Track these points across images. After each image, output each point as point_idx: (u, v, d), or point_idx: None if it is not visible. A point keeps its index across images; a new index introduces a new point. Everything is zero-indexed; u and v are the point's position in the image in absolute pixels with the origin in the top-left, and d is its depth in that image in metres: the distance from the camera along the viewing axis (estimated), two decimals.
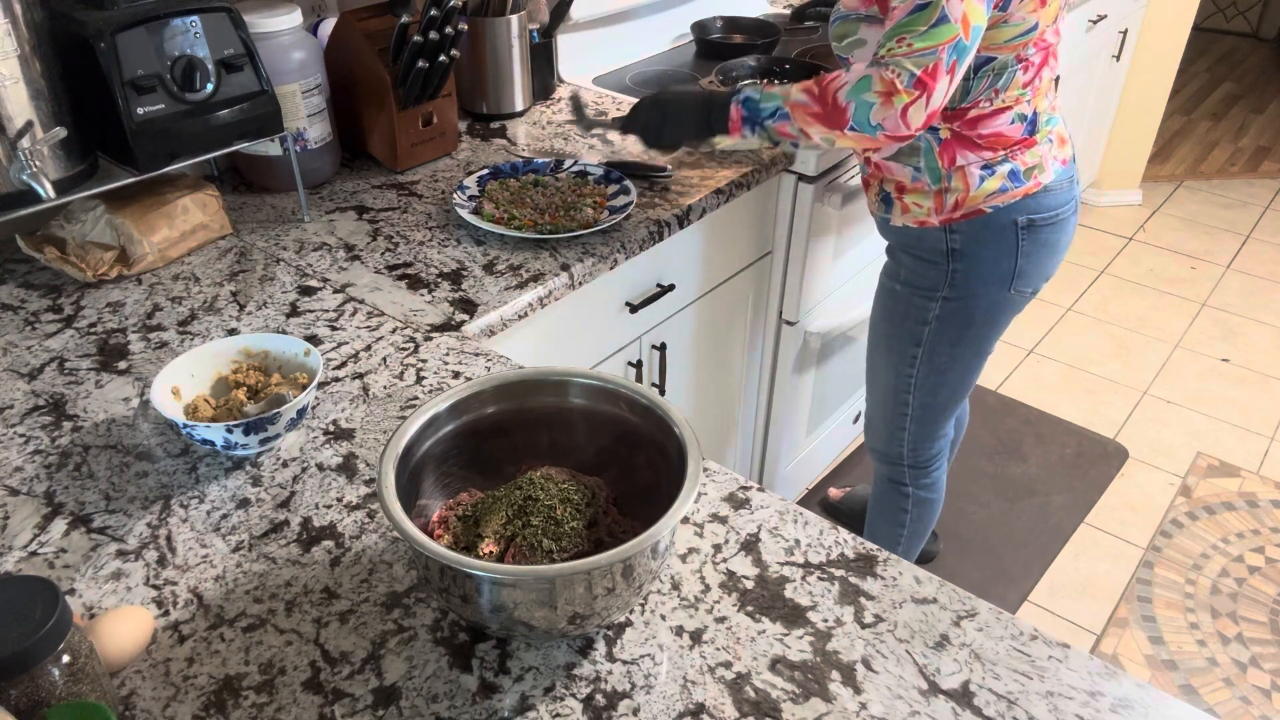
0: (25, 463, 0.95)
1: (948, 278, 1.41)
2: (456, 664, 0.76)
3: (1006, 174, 1.32)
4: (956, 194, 1.34)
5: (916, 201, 1.38)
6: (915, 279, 1.45)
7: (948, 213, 1.36)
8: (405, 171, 1.55)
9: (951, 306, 1.44)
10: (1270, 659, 1.96)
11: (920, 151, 1.34)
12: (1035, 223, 1.36)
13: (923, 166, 1.35)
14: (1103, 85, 3.16)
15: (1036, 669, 0.76)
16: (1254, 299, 3.12)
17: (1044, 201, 1.35)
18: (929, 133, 1.32)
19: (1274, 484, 2.40)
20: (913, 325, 1.48)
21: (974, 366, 1.52)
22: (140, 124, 1.17)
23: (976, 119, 1.29)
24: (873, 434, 1.70)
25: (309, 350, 0.99)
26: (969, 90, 1.27)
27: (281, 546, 0.86)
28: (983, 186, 1.33)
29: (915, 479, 1.70)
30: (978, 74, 1.25)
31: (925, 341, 1.49)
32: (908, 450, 1.65)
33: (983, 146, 1.31)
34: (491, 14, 1.65)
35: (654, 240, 1.40)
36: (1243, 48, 5.26)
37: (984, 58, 1.24)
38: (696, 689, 0.74)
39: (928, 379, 1.53)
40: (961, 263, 1.39)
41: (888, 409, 1.61)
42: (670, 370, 1.64)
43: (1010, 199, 1.33)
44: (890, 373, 1.56)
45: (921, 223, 1.39)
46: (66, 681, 0.63)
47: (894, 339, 1.52)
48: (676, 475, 0.74)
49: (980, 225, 1.36)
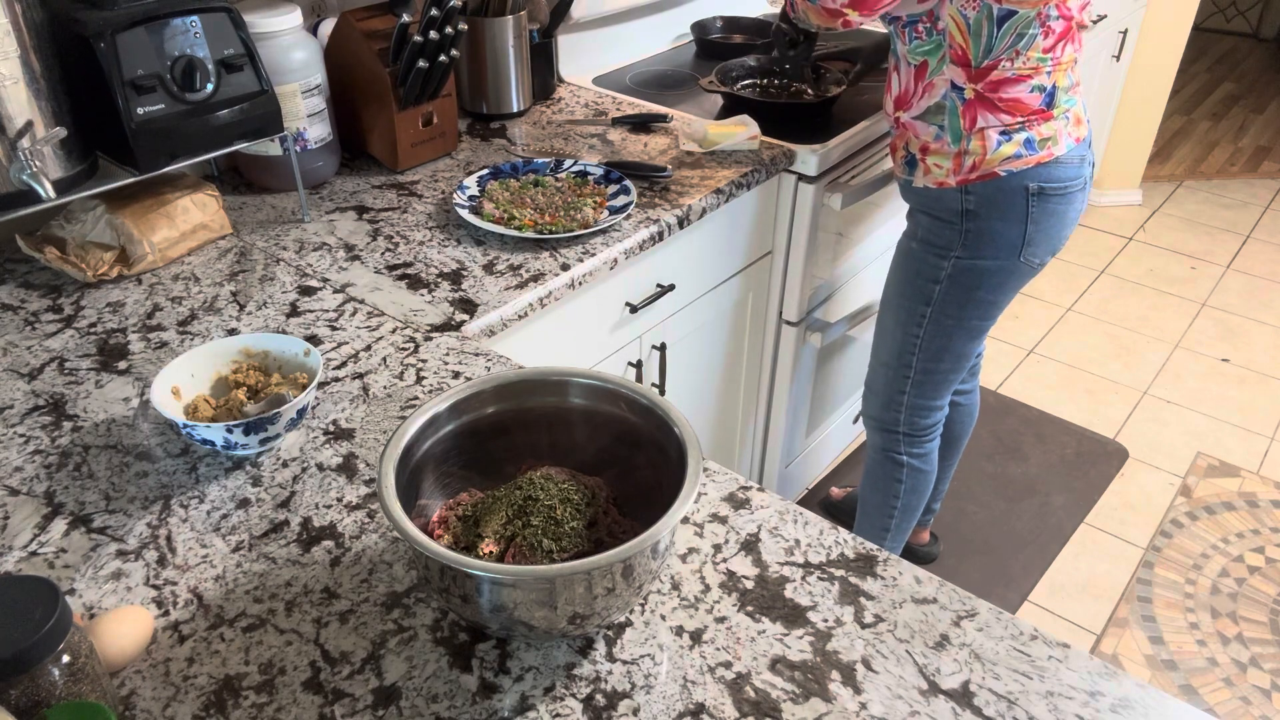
0: (25, 463, 0.95)
1: (961, 237, 1.49)
2: (456, 664, 0.76)
3: (1022, 141, 1.40)
4: (974, 156, 1.42)
5: (937, 162, 1.46)
6: (931, 236, 1.53)
7: (964, 174, 1.44)
8: (405, 171, 1.55)
9: (963, 265, 1.51)
10: (1270, 659, 1.96)
11: (945, 111, 1.43)
12: (1045, 191, 1.43)
13: (946, 126, 1.43)
14: (1103, 85, 3.16)
15: (1036, 669, 0.76)
16: (1254, 299, 3.12)
17: (1055, 172, 1.42)
18: (954, 91, 1.40)
19: (1274, 484, 2.40)
20: (924, 283, 1.55)
21: (977, 333, 1.59)
22: (140, 124, 1.17)
23: (999, 82, 1.37)
24: (872, 399, 1.74)
25: (309, 350, 0.99)
26: (992, 46, 1.34)
27: (281, 546, 0.86)
28: (999, 150, 1.40)
29: (909, 446, 1.74)
30: (1001, 29, 1.33)
31: (935, 300, 1.56)
32: (905, 416, 1.70)
33: (1002, 110, 1.39)
34: (491, 14, 1.65)
35: (654, 240, 1.40)
36: (1243, 48, 5.26)
37: (1007, 10, 1.31)
38: (696, 689, 0.74)
39: (933, 340, 1.59)
40: (974, 223, 1.47)
41: (890, 371, 1.67)
42: (670, 370, 1.64)
43: (1023, 165, 1.41)
44: (899, 331, 1.62)
45: (940, 183, 1.47)
46: (66, 681, 0.63)
47: (905, 297, 1.59)
48: (676, 475, 0.74)
49: (994, 188, 1.43)
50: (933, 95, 1.44)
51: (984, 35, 1.34)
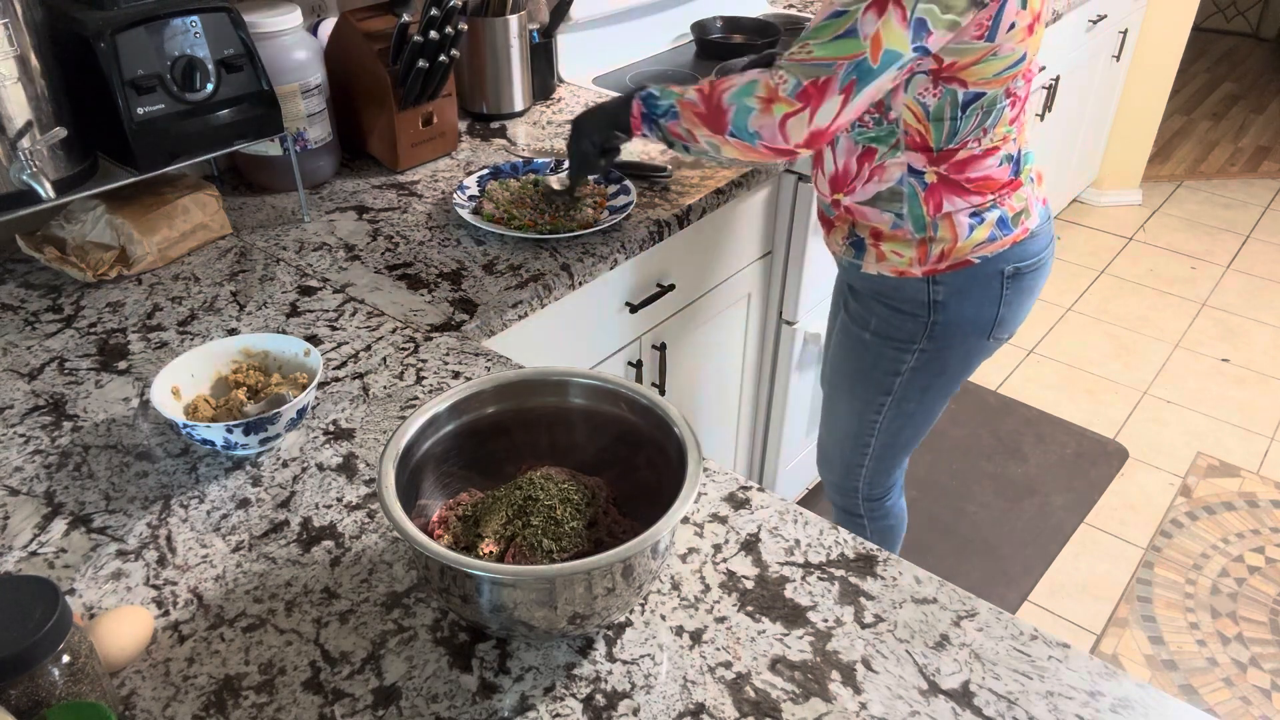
0: (25, 463, 0.95)
1: (926, 329, 1.32)
2: (456, 664, 0.76)
3: (995, 221, 1.24)
4: (943, 244, 1.24)
5: (896, 250, 1.27)
6: (889, 330, 1.35)
7: (932, 263, 1.26)
8: (405, 171, 1.55)
9: (927, 358, 1.35)
10: (1270, 659, 1.95)
11: (904, 197, 1.23)
12: (1020, 270, 1.29)
13: (905, 213, 1.24)
14: (1103, 85, 3.16)
15: (1036, 669, 0.76)
16: (1254, 299, 3.12)
17: (1029, 248, 1.28)
18: (912, 176, 1.21)
19: (1274, 484, 2.40)
20: (882, 376, 1.39)
21: (939, 409, 1.46)
22: (140, 124, 1.17)
23: (966, 161, 1.20)
24: (827, 468, 1.62)
25: (309, 350, 0.99)
26: (956, 130, 1.17)
27: (281, 546, 0.86)
28: (971, 236, 1.24)
29: (870, 511, 1.63)
30: (966, 112, 1.15)
31: (895, 391, 1.40)
32: (863, 485, 1.57)
33: (971, 191, 1.22)
34: (491, 14, 1.65)
35: (654, 240, 1.40)
36: (1243, 48, 5.26)
37: (973, 94, 1.14)
38: (696, 689, 0.74)
39: (893, 423, 1.45)
40: (943, 315, 1.30)
41: (845, 448, 1.53)
42: (670, 370, 1.64)
43: (999, 248, 1.25)
44: (854, 418, 1.48)
45: (901, 272, 1.29)
46: (66, 681, 0.63)
47: (860, 388, 1.44)
48: (676, 475, 0.74)
49: (966, 277, 1.27)
50: (885, 180, 1.23)
51: (946, 120, 1.16)
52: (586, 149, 1.29)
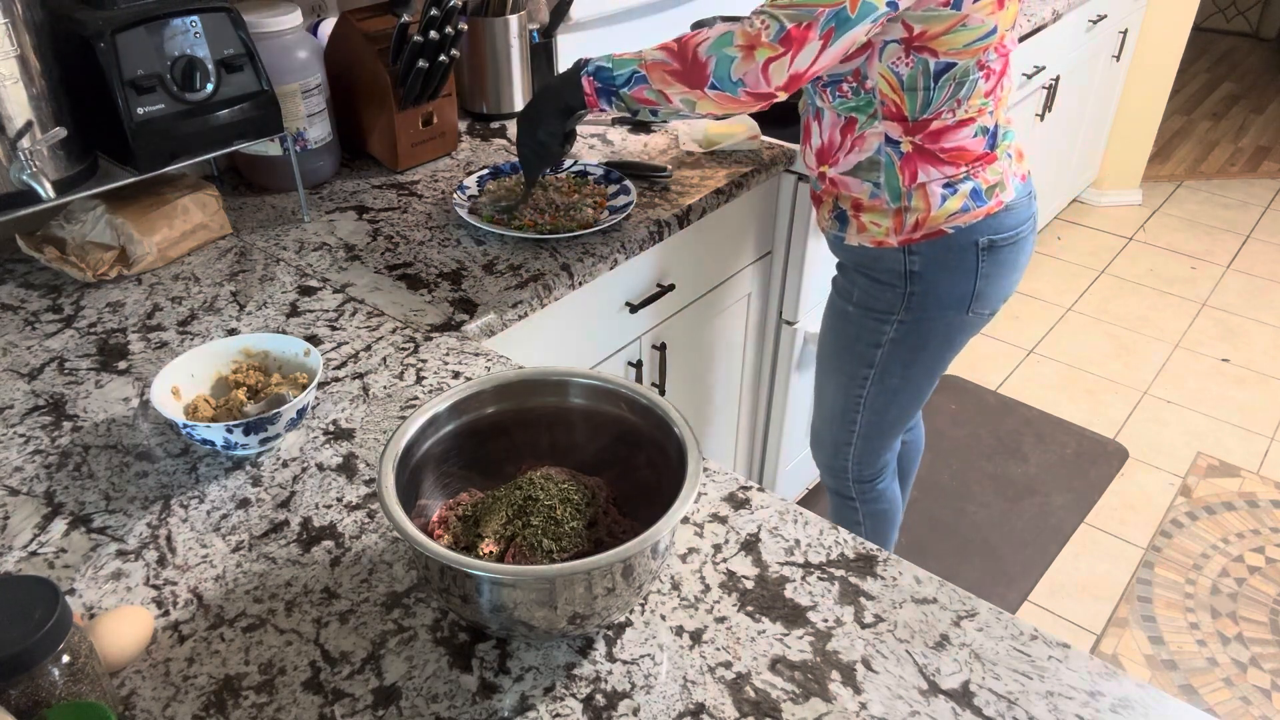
0: (25, 463, 0.95)
1: (904, 300, 1.36)
2: (456, 664, 0.76)
3: (969, 193, 1.27)
4: (917, 213, 1.28)
5: (874, 220, 1.32)
6: (869, 300, 1.39)
7: (907, 233, 1.30)
8: (405, 171, 1.55)
9: (906, 329, 1.38)
10: (1270, 659, 1.96)
11: (881, 166, 1.27)
12: (996, 243, 1.31)
13: (882, 183, 1.28)
14: (1103, 85, 3.16)
15: (1036, 669, 0.76)
16: (1254, 299, 3.12)
17: (1005, 221, 1.31)
18: (889, 146, 1.25)
19: (1274, 484, 2.40)
20: (864, 348, 1.43)
21: (926, 387, 1.48)
22: (140, 124, 1.17)
23: (940, 131, 1.24)
24: (819, 448, 1.65)
25: (309, 350, 0.99)
26: (930, 101, 1.21)
27: (281, 546, 0.86)
28: (944, 206, 1.27)
29: (861, 493, 1.65)
30: (938, 82, 1.19)
31: (877, 364, 1.43)
32: (853, 464, 1.60)
33: (945, 161, 1.25)
34: (491, 14, 1.65)
35: (654, 240, 1.40)
36: (1243, 48, 5.26)
37: (944, 64, 1.18)
38: (696, 689, 0.74)
39: (878, 399, 1.48)
40: (919, 285, 1.34)
41: (834, 426, 1.57)
42: (670, 370, 1.64)
43: (972, 219, 1.28)
44: (840, 394, 1.51)
45: (879, 243, 1.33)
46: (66, 681, 0.63)
47: (844, 360, 1.47)
48: (676, 475, 0.74)
49: (941, 247, 1.30)
50: (864, 150, 1.28)
51: (920, 90, 1.20)
52: (544, 139, 1.30)
